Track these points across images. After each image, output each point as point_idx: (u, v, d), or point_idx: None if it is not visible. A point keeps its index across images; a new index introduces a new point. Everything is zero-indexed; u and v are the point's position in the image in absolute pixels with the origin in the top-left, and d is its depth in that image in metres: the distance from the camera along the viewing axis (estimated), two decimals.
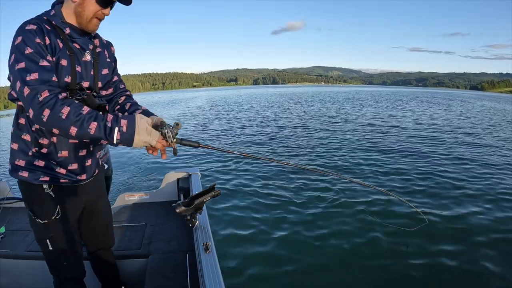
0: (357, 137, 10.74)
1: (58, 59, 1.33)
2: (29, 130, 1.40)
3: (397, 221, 4.19)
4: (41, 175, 1.45)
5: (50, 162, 1.45)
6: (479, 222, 4.28)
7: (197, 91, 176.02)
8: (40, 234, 1.54)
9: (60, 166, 1.47)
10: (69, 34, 1.38)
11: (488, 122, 16.77)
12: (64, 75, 1.35)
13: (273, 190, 5.55)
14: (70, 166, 1.50)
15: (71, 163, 1.50)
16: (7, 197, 2.92)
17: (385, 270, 3.30)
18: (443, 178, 6.10)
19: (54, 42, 1.31)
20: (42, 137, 1.40)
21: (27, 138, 1.41)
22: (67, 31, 1.38)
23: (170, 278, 1.96)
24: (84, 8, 1.36)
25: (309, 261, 3.45)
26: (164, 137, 1.31)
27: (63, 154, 1.46)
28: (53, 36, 1.32)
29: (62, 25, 1.37)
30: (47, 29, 1.31)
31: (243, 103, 32.61)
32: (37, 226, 1.52)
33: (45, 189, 1.47)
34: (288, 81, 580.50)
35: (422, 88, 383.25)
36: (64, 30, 1.37)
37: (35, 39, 1.24)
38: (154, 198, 3.12)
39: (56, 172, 1.47)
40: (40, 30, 1.28)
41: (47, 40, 1.28)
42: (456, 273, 3.24)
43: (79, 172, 1.54)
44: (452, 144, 9.77)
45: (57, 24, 1.36)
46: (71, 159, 1.49)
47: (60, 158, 1.45)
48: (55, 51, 1.32)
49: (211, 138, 11.55)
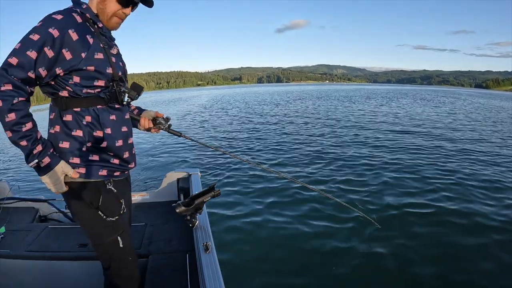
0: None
1: (92, 53, 1.33)
2: (80, 125, 1.37)
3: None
4: (99, 169, 1.44)
5: (106, 153, 1.44)
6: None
7: (201, 89, 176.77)
8: (110, 233, 1.52)
9: (115, 156, 1.48)
10: (101, 28, 1.41)
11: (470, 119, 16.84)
12: (105, 66, 1.38)
13: (273, 190, 5.53)
14: (124, 155, 1.51)
15: (125, 151, 1.52)
16: (7, 197, 2.93)
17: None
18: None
19: (82, 38, 1.31)
20: (95, 129, 1.39)
21: (78, 134, 1.37)
22: (100, 25, 1.41)
23: (170, 278, 1.95)
24: (106, 6, 1.40)
25: (310, 261, 3.43)
26: (156, 125, 1.77)
27: (119, 143, 1.47)
28: (83, 31, 1.32)
29: (96, 19, 1.40)
30: (77, 23, 1.31)
31: (239, 100, 33.79)
32: (106, 226, 1.49)
33: (107, 185, 1.47)
34: (293, 80, 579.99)
35: (426, 86, 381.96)
36: (97, 24, 1.40)
37: (50, 29, 1.22)
38: (154, 198, 3.11)
39: (111, 163, 1.47)
40: (66, 23, 1.27)
41: (73, 36, 1.27)
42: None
43: (130, 160, 1.57)
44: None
45: (91, 17, 1.38)
46: (125, 147, 1.51)
47: (117, 147, 1.47)
48: (84, 46, 1.31)
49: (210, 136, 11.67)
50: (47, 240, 2.39)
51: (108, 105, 1.43)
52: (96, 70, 1.34)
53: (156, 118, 1.78)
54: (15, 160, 9.70)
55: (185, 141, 10.15)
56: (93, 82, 1.35)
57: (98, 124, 1.40)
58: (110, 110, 1.44)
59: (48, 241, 2.38)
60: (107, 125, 1.41)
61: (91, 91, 1.36)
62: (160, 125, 1.77)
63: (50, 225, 2.66)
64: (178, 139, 10.39)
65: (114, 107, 1.46)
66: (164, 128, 1.78)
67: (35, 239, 2.39)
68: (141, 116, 1.78)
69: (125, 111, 1.53)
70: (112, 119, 1.44)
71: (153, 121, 1.79)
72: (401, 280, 3.15)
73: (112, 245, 1.53)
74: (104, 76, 1.37)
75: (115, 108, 1.46)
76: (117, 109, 1.48)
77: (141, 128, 1.80)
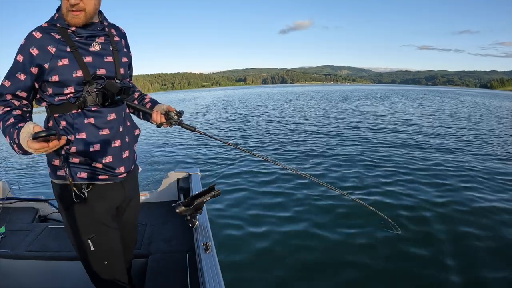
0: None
1: (54, 63, 1.33)
2: (58, 130, 1.39)
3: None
4: (78, 171, 1.43)
5: (83, 157, 1.42)
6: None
7: (205, 91, 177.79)
8: (80, 235, 1.51)
9: (95, 161, 1.44)
10: (74, 31, 1.39)
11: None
12: (70, 72, 1.35)
13: (274, 189, 5.52)
14: (105, 159, 1.46)
15: (106, 155, 1.46)
16: (7, 197, 2.94)
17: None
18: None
19: (43, 50, 1.33)
20: (70, 134, 1.39)
21: None
22: (73, 29, 1.39)
23: (170, 278, 1.95)
24: (61, 6, 1.38)
25: (311, 261, 3.41)
26: (167, 119, 1.70)
27: (95, 147, 1.43)
28: (44, 43, 1.34)
29: (65, 26, 1.39)
30: (37, 39, 1.34)
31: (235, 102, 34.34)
32: (76, 228, 1.49)
33: (82, 189, 1.45)
34: (297, 81, 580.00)
35: (431, 86, 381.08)
36: (68, 29, 1.39)
37: (30, 48, 1.32)
38: (154, 198, 3.11)
39: (93, 167, 1.45)
40: (26, 44, 1.34)
41: (34, 52, 1.32)
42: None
43: (115, 165, 1.51)
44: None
45: (62, 25, 1.38)
46: (105, 152, 1.46)
47: (92, 152, 1.42)
48: (45, 58, 1.33)
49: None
50: (47, 240, 2.39)
51: (84, 109, 1.40)
52: (61, 78, 1.34)
53: (168, 112, 1.71)
54: (15, 160, 9.80)
55: (185, 141, 10.19)
56: (63, 90, 1.36)
57: (72, 129, 1.39)
58: (87, 113, 1.41)
59: (48, 241, 2.38)
60: (81, 130, 1.39)
61: (63, 97, 1.37)
62: (172, 120, 1.71)
63: (50, 225, 2.66)
64: (178, 139, 10.43)
65: (91, 110, 1.42)
66: (176, 123, 1.73)
67: (35, 239, 2.39)
68: (153, 110, 1.72)
69: (107, 112, 1.46)
70: (88, 123, 1.41)
71: (165, 115, 1.72)
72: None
73: (83, 248, 1.52)
74: (70, 81, 1.35)
75: (92, 111, 1.42)
76: (95, 111, 1.43)
77: (153, 122, 1.74)
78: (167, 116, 1.71)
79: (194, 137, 10.39)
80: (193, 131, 1.85)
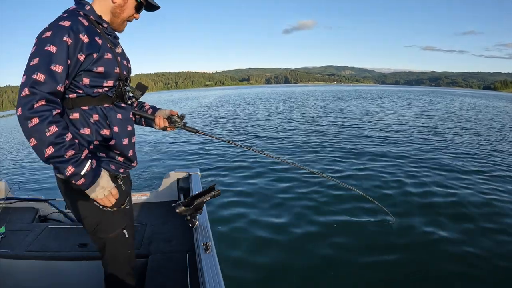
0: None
1: (102, 54, 1.35)
2: (88, 123, 1.38)
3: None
4: (109, 163, 1.47)
5: (112, 151, 1.47)
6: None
7: (208, 90, 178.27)
8: (117, 225, 1.54)
9: (120, 154, 1.50)
10: (106, 28, 1.43)
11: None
12: (113, 67, 1.40)
13: (275, 189, 5.50)
14: (129, 153, 1.53)
15: (129, 149, 1.54)
16: (7, 197, 2.94)
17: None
18: None
19: (92, 39, 1.32)
20: (103, 128, 1.41)
21: (86, 132, 1.38)
22: (105, 25, 1.42)
23: (170, 278, 1.95)
24: (123, 10, 1.45)
25: (311, 261, 3.39)
26: (171, 123, 1.77)
27: (125, 141, 1.49)
28: (91, 33, 1.33)
29: (100, 20, 1.41)
30: (85, 26, 1.31)
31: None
32: (111, 217, 1.50)
33: (118, 180, 1.52)
34: (301, 81, 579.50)
35: (434, 87, 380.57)
36: (102, 25, 1.41)
37: (64, 37, 1.23)
38: (154, 198, 3.11)
39: (117, 161, 1.50)
40: (75, 28, 1.27)
41: (84, 39, 1.28)
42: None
43: (133, 158, 1.58)
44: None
45: (95, 19, 1.39)
46: (130, 146, 1.54)
47: (124, 146, 1.49)
48: (95, 48, 1.32)
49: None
50: (47, 240, 2.39)
51: (115, 104, 1.45)
52: (106, 70, 1.37)
53: (171, 116, 1.79)
54: (15, 160, 9.85)
55: (185, 141, 10.19)
56: (103, 83, 1.38)
57: (106, 123, 1.42)
58: (117, 109, 1.46)
59: (48, 241, 2.38)
60: (114, 124, 1.44)
61: (100, 90, 1.39)
62: (176, 123, 1.78)
63: (50, 225, 2.67)
64: (178, 138, 10.44)
65: (120, 106, 1.48)
66: (179, 126, 1.79)
67: (35, 239, 2.39)
68: (156, 115, 1.79)
69: (129, 110, 1.55)
70: (119, 118, 1.46)
71: (168, 120, 1.79)
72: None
73: (117, 237, 1.55)
74: (112, 76, 1.40)
75: (120, 107, 1.48)
76: (123, 108, 1.50)
77: (157, 127, 1.81)
78: (170, 120, 1.78)
79: (194, 137, 10.38)
80: (195, 133, 1.92)
